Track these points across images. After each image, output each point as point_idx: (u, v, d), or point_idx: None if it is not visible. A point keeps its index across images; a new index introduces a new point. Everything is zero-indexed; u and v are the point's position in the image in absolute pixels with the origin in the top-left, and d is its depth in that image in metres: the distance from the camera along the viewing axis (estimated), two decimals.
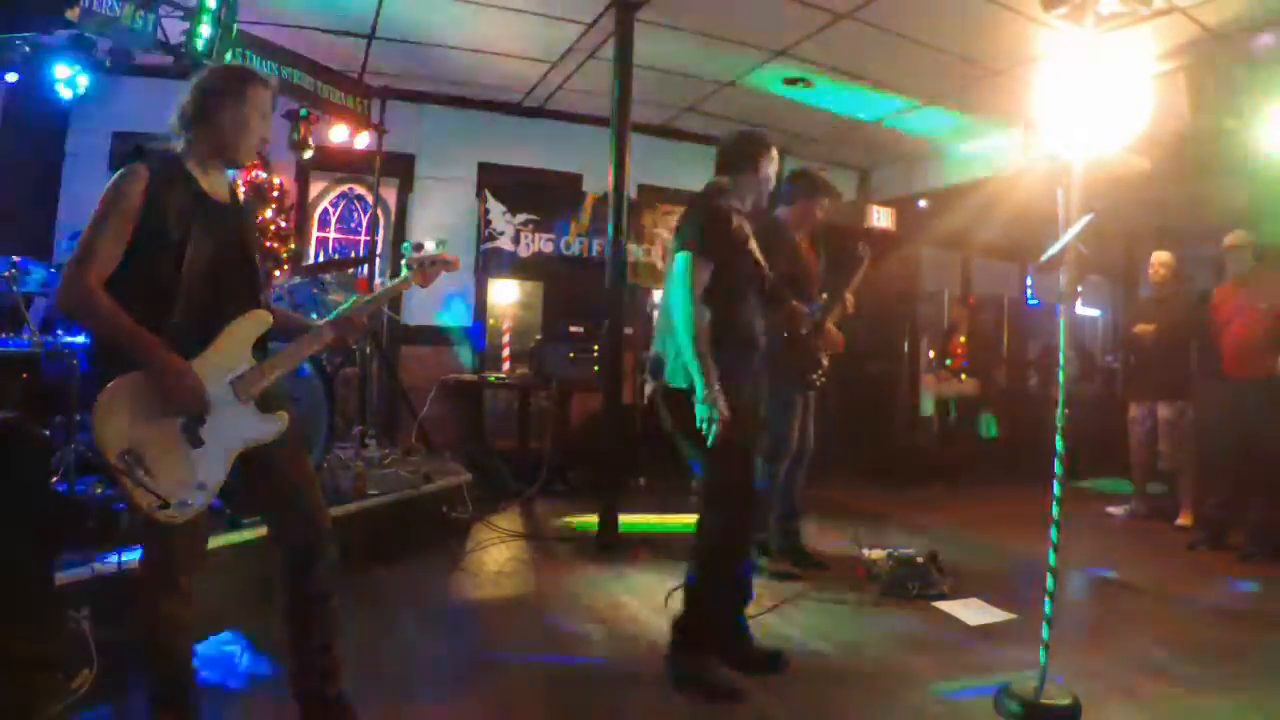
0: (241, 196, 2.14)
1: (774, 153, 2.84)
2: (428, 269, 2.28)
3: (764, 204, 2.93)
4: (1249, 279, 4.67)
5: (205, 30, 3.98)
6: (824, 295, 3.84)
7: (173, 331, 1.84)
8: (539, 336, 5.96)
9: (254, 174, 5.47)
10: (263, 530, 3.03)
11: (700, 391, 2.40)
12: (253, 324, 1.99)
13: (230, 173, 2.14)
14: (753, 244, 2.69)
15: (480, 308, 6.77)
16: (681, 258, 2.52)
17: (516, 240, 6.61)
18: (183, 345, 1.84)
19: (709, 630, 2.59)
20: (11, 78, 4.56)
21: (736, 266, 2.60)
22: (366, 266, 5.94)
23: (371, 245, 6.12)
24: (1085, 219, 2.50)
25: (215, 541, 2.56)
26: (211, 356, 1.91)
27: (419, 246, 2.31)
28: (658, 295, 7.26)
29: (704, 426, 2.40)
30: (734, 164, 2.78)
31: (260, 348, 2.03)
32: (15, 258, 3.29)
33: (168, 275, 1.86)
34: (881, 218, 6.73)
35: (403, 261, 2.28)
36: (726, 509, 2.56)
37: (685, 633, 2.56)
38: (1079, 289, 2.63)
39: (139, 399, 1.81)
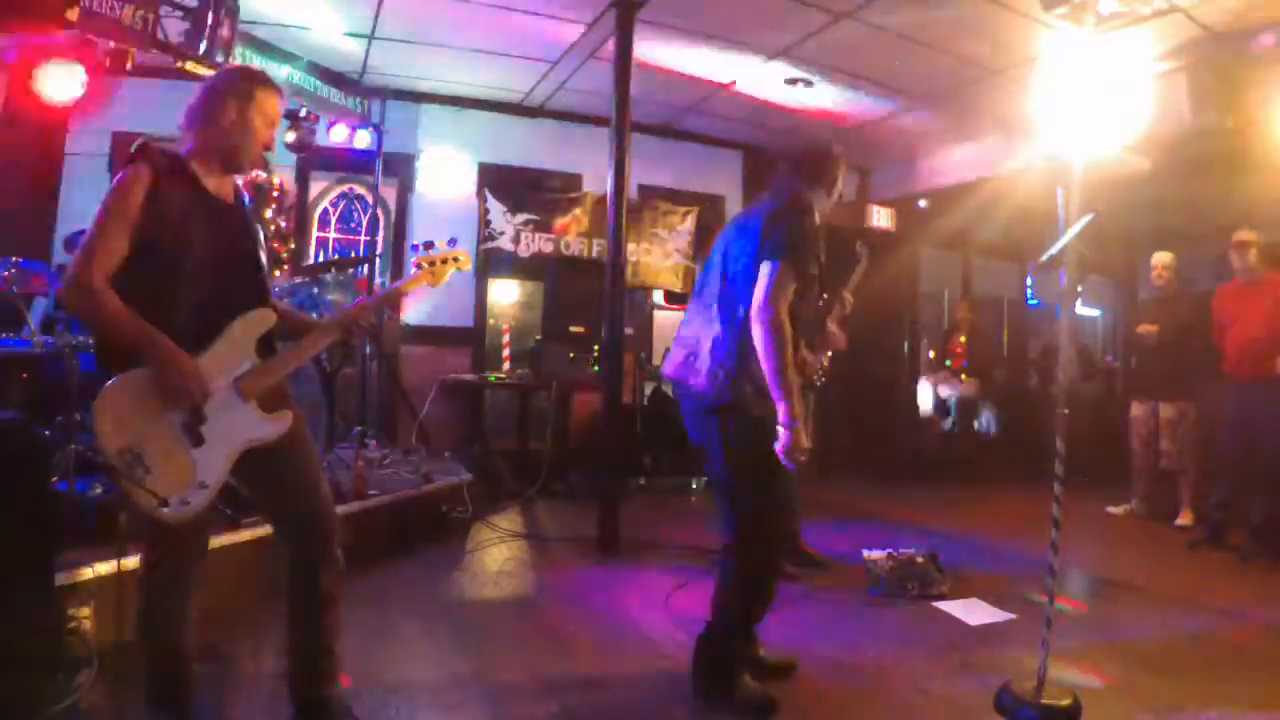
0: (245, 197, 2.13)
1: (845, 168, 2.64)
2: (438, 268, 2.26)
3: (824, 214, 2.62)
4: (1252, 278, 4.67)
5: (206, 30, 3.98)
6: (824, 296, 3.83)
7: (175, 330, 1.83)
8: (539, 336, 5.95)
9: (254, 174, 5.46)
10: (263, 530, 3.05)
11: (786, 418, 2.21)
12: (256, 322, 1.99)
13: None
14: (818, 268, 2.49)
15: (480, 308, 6.77)
16: (770, 264, 2.28)
17: (516, 240, 6.62)
18: (185, 344, 1.84)
19: (737, 640, 2.50)
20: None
21: (810, 286, 2.42)
22: (366, 266, 5.94)
23: (371, 245, 6.11)
24: (1085, 219, 2.50)
25: (215, 541, 2.55)
26: (213, 355, 1.90)
27: (429, 245, 2.28)
28: (658, 296, 7.32)
29: (788, 456, 2.23)
30: (814, 176, 2.56)
31: (265, 347, 2.02)
32: (15, 258, 3.29)
33: (170, 274, 1.86)
34: (881, 218, 6.73)
35: (413, 260, 2.25)
36: (768, 536, 2.43)
37: (713, 644, 2.48)
38: (1079, 289, 2.63)
39: (140, 397, 1.81)
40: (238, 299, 1.98)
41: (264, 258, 2.09)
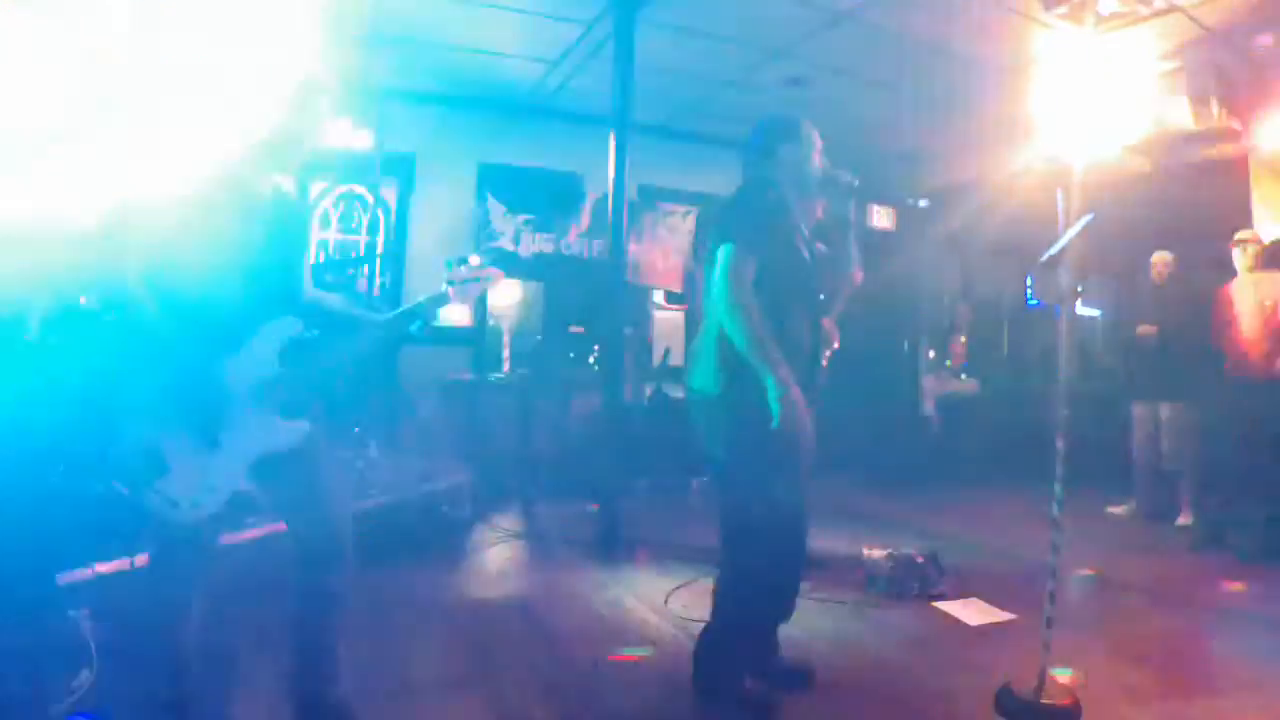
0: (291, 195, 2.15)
1: (804, 134, 2.55)
2: (470, 287, 2.21)
3: (811, 194, 2.59)
4: (1253, 278, 4.67)
5: None
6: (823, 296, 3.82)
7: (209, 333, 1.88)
8: (539, 336, 5.95)
9: None
10: (263, 530, 3.05)
11: (772, 389, 2.17)
12: (280, 330, 1.99)
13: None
14: (802, 245, 2.48)
15: (480, 307, 6.77)
16: (725, 249, 2.28)
17: (517, 240, 6.62)
18: (213, 348, 1.88)
19: (740, 642, 2.49)
20: None
21: (783, 267, 2.37)
22: (366, 267, 5.94)
23: (371, 245, 6.11)
24: (1085, 219, 2.50)
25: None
26: (236, 361, 1.91)
27: (462, 262, 2.22)
28: (658, 295, 7.32)
29: (785, 423, 2.17)
30: (764, 149, 2.54)
31: (288, 354, 2.02)
32: None
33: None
34: (881, 218, 6.73)
35: (444, 278, 2.20)
36: (772, 537, 2.40)
37: (712, 644, 2.48)
38: (1079, 289, 2.63)
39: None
40: (273, 303, 1.98)
41: (304, 260, 2.11)
